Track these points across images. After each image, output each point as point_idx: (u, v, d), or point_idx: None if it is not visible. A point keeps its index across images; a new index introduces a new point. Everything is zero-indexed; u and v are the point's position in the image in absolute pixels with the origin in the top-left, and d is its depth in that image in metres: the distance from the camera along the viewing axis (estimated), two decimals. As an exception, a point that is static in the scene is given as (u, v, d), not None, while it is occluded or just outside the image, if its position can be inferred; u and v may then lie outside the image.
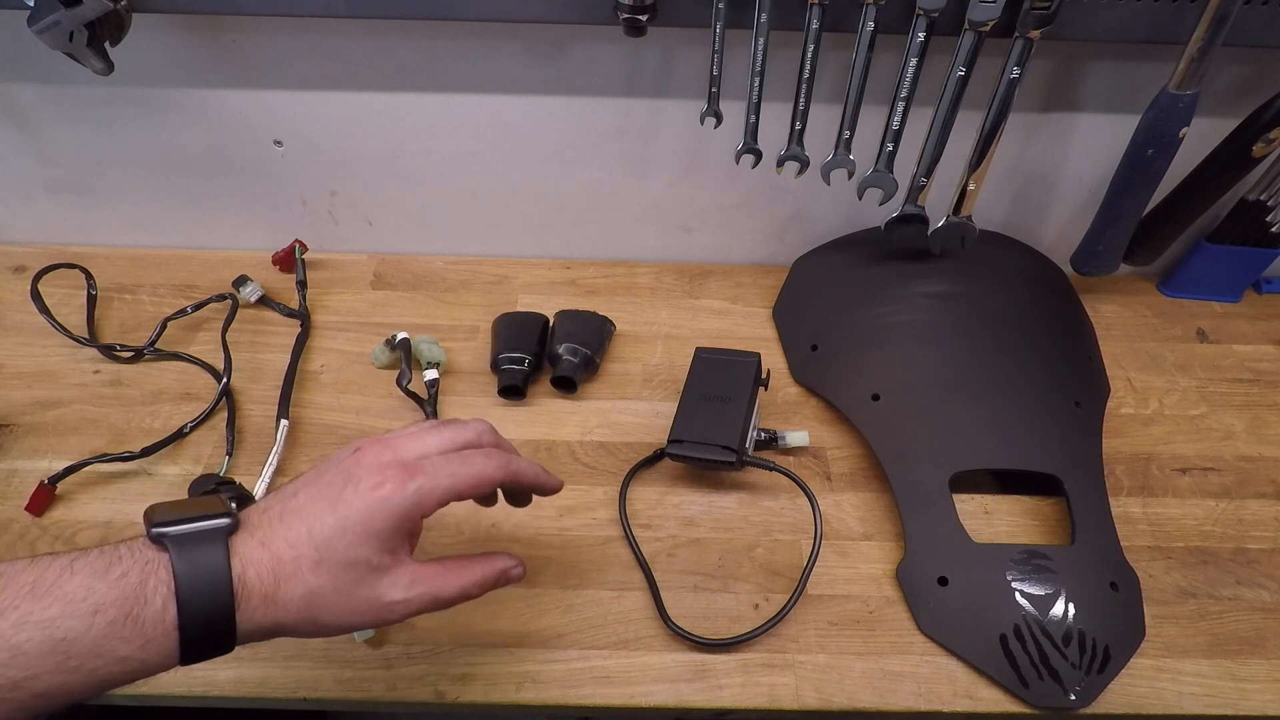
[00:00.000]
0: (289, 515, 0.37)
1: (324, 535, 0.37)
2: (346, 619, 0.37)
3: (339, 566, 0.36)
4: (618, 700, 0.50)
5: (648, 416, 0.66)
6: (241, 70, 0.67)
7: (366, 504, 0.37)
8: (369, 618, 0.38)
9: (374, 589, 0.38)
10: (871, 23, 0.57)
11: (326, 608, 0.37)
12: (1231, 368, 0.72)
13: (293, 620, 0.36)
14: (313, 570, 0.36)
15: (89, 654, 0.32)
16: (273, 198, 0.77)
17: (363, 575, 0.37)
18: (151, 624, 0.33)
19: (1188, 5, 0.57)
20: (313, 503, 0.38)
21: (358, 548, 0.37)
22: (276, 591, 0.36)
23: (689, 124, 0.68)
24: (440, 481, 0.39)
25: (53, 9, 0.54)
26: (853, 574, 0.56)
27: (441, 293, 0.77)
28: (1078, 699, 0.49)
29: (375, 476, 0.38)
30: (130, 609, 0.33)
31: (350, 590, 0.37)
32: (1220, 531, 0.59)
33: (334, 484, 0.38)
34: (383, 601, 0.38)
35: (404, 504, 0.38)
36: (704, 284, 0.80)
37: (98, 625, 0.32)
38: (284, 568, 0.36)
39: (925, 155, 0.63)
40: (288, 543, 0.36)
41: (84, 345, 0.69)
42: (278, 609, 0.36)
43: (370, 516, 0.37)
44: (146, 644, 0.33)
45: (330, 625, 0.37)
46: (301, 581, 0.36)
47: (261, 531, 0.37)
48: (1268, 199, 0.69)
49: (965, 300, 0.68)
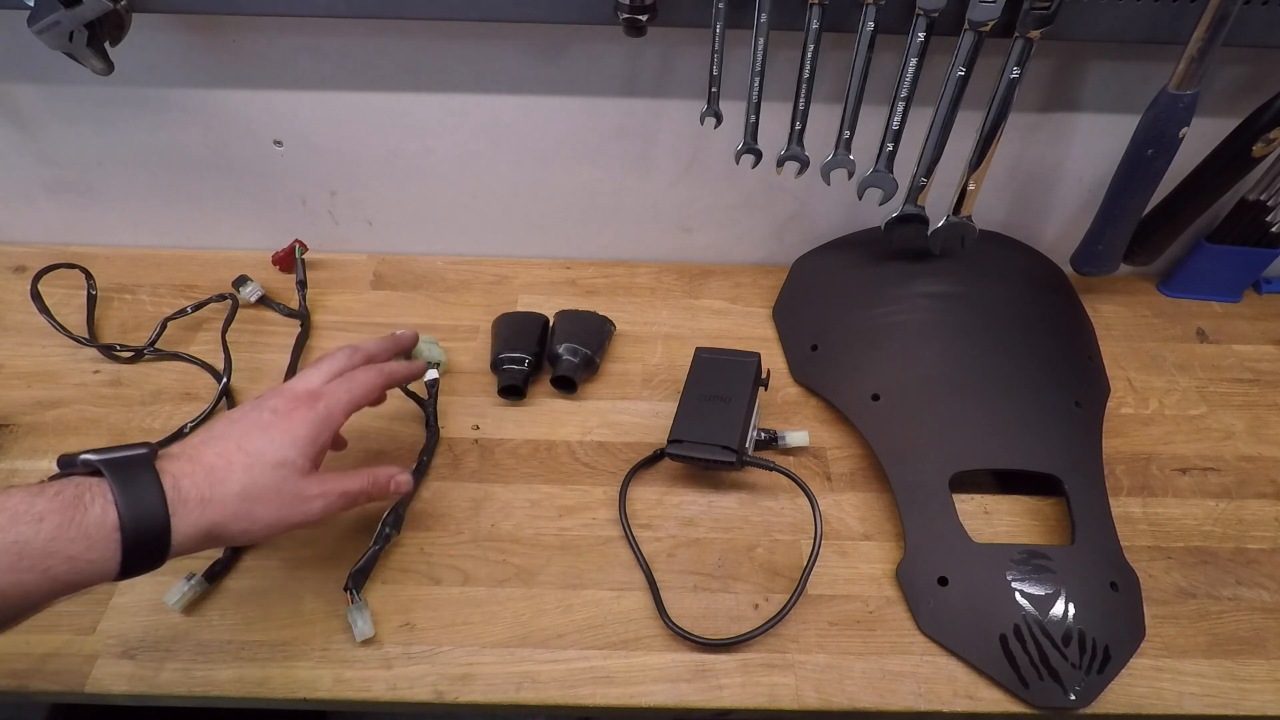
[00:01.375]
0: (213, 440, 0.44)
1: (254, 445, 0.44)
2: (276, 511, 0.44)
3: (269, 466, 0.44)
4: (618, 700, 0.50)
5: (648, 416, 0.66)
6: (241, 70, 0.67)
7: (288, 420, 0.46)
8: (294, 511, 0.45)
9: (297, 485, 0.45)
10: (871, 23, 0.57)
11: (260, 500, 0.43)
12: (1231, 368, 0.72)
13: (230, 516, 0.42)
14: (245, 470, 0.43)
15: (40, 554, 0.36)
16: (273, 198, 0.77)
17: (288, 473, 0.44)
18: (94, 526, 0.37)
19: (1188, 5, 0.57)
20: (235, 427, 0.45)
21: (284, 449, 0.45)
22: (212, 492, 0.41)
23: (689, 124, 0.68)
24: (340, 399, 0.49)
25: (53, 9, 0.54)
26: (853, 574, 0.56)
27: (441, 293, 0.77)
28: (1078, 699, 0.49)
29: (288, 404, 0.47)
30: (72, 515, 0.37)
31: (279, 485, 0.44)
32: (1220, 531, 0.59)
33: (250, 416, 0.46)
34: (304, 495, 0.45)
35: (317, 418, 0.47)
36: (704, 284, 0.80)
37: (44, 530, 0.36)
38: (216, 472, 0.42)
39: (925, 155, 0.63)
40: (217, 453, 0.43)
41: (84, 345, 0.69)
42: (214, 508, 0.41)
43: (292, 428, 0.46)
44: (90, 544, 0.37)
45: (262, 518, 0.43)
46: (235, 479, 0.42)
47: (188, 452, 0.43)
48: (1268, 199, 0.69)
49: (965, 300, 0.68)
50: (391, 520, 0.56)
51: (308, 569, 0.55)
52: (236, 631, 0.52)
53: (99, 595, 0.53)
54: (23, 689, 0.49)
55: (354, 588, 0.52)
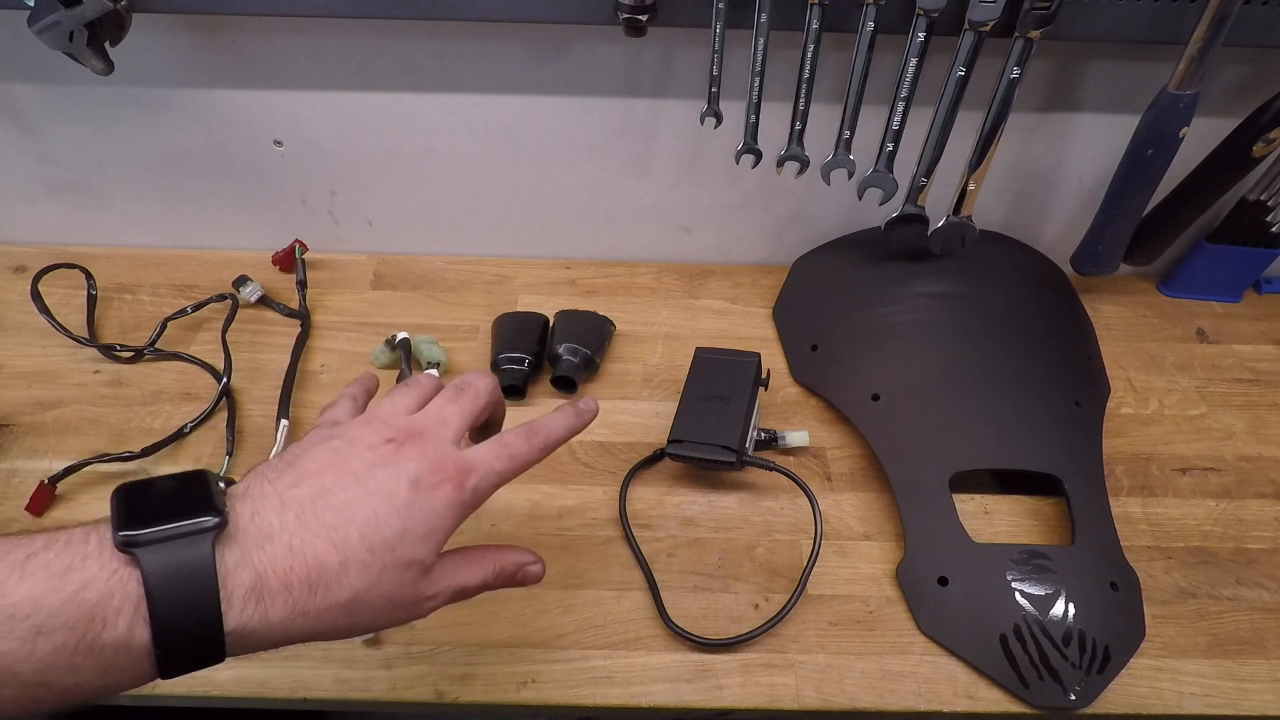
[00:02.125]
0: (328, 511, 0.33)
1: (381, 538, 0.33)
2: (384, 620, 0.35)
3: (394, 569, 0.34)
4: (618, 700, 0.50)
5: (648, 416, 0.66)
6: (241, 70, 0.67)
7: (431, 505, 0.35)
8: (404, 616, 0.36)
9: (417, 589, 0.35)
10: (871, 23, 0.57)
11: (368, 610, 0.34)
12: (1231, 368, 0.72)
13: (324, 629, 0.33)
14: (362, 572, 0.33)
15: (29, 682, 0.27)
16: (273, 198, 0.77)
17: (415, 576, 0.35)
18: (114, 650, 0.28)
19: (1188, 5, 0.57)
20: (363, 499, 0.34)
21: (417, 547, 0.34)
22: (311, 603, 0.32)
23: (689, 124, 0.68)
24: (492, 478, 0.38)
25: (53, 9, 0.54)
26: (853, 574, 0.56)
27: (441, 293, 0.77)
28: (1078, 699, 0.49)
29: (435, 475, 0.36)
30: (84, 633, 0.28)
31: (397, 592, 0.34)
32: (1220, 531, 0.59)
33: (386, 481, 0.35)
34: (420, 599, 0.36)
35: (464, 503, 0.36)
36: (704, 284, 0.80)
37: (40, 650, 0.27)
38: (325, 573, 0.32)
39: (925, 155, 0.63)
40: (333, 545, 0.33)
41: (84, 345, 0.69)
42: (309, 620, 0.32)
43: (434, 517, 0.35)
44: (107, 670, 0.29)
45: (361, 628, 0.34)
46: (348, 586, 0.33)
47: (286, 531, 0.32)
48: (1268, 199, 0.69)
49: (965, 300, 0.68)
50: None
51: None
52: (236, 631, 0.52)
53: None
54: (23, 689, 0.49)
55: None
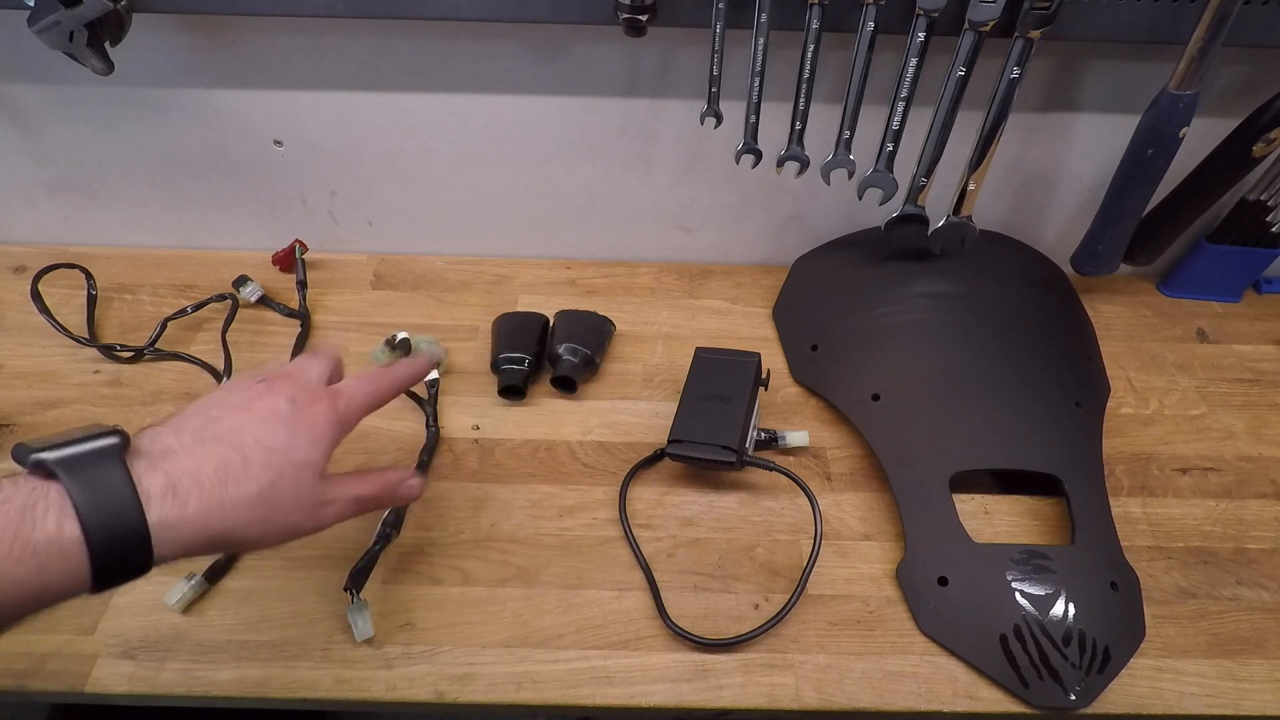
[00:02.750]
0: (220, 429, 0.39)
1: (274, 442, 0.39)
2: (293, 517, 0.40)
3: (292, 467, 0.39)
4: (618, 700, 0.50)
5: (648, 416, 0.66)
6: (241, 70, 0.67)
7: (310, 415, 0.41)
8: (310, 517, 0.41)
9: (316, 490, 0.40)
10: (871, 23, 0.57)
11: (278, 505, 0.39)
12: (1231, 368, 0.72)
13: (243, 522, 0.37)
14: (264, 470, 0.38)
15: None
16: (273, 198, 0.77)
17: (311, 476, 0.40)
18: (46, 544, 0.32)
19: (1188, 5, 0.57)
20: (247, 415, 0.40)
21: (309, 450, 0.40)
22: (223, 494, 0.36)
23: (689, 124, 0.68)
24: (359, 399, 0.44)
25: (53, 9, 0.54)
26: (853, 574, 0.56)
27: (441, 293, 0.77)
28: (1078, 699, 0.49)
29: (309, 398, 0.42)
30: (17, 532, 0.32)
31: (299, 489, 0.39)
32: (1220, 531, 0.59)
33: (265, 403, 0.41)
34: (322, 500, 0.41)
35: (338, 417, 0.42)
36: (704, 284, 0.80)
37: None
38: (230, 470, 0.37)
39: (925, 155, 0.63)
40: (230, 446, 0.38)
41: (84, 345, 0.69)
42: (223, 514, 0.36)
43: (315, 424, 0.41)
44: (42, 566, 0.32)
45: (278, 525, 0.39)
46: (253, 479, 0.37)
47: (186, 442, 0.37)
48: (1268, 199, 0.69)
49: (965, 300, 0.68)
50: (392, 520, 0.56)
51: (308, 569, 0.55)
52: (236, 631, 0.52)
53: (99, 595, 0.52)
54: (23, 689, 0.49)
55: (354, 588, 0.52)
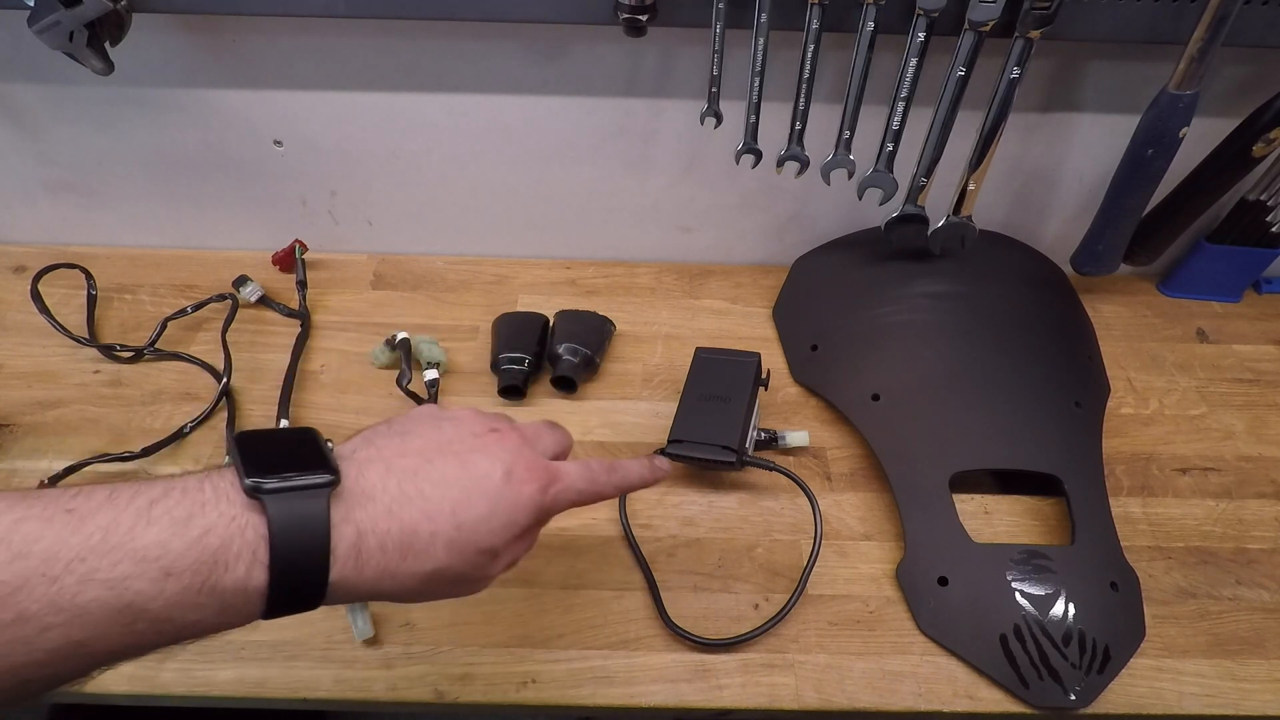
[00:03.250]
0: (426, 484, 0.35)
1: (469, 517, 0.35)
2: (448, 593, 0.37)
3: (474, 551, 0.36)
4: (618, 700, 0.50)
5: (648, 416, 0.66)
6: (241, 70, 0.67)
7: (517, 498, 0.37)
8: (466, 589, 0.38)
9: (484, 570, 0.37)
10: (871, 23, 0.57)
11: (441, 584, 0.36)
12: (1231, 368, 0.72)
13: (402, 592, 0.35)
14: (447, 549, 0.35)
15: (159, 619, 0.29)
16: (273, 198, 0.77)
17: (487, 561, 0.37)
18: (232, 592, 0.30)
19: (1188, 5, 0.57)
20: (459, 477, 0.36)
21: (496, 536, 0.36)
22: (401, 564, 0.34)
23: (689, 124, 0.68)
24: (572, 494, 0.40)
25: (53, 9, 0.54)
26: (853, 574, 0.56)
27: (441, 293, 0.77)
28: (1078, 699, 0.49)
29: (525, 471, 0.38)
30: (208, 575, 0.30)
31: (470, 573, 0.36)
32: (1220, 531, 0.59)
33: (480, 465, 0.37)
34: (484, 578, 0.38)
35: (546, 505, 0.39)
36: (704, 284, 0.80)
37: (169, 590, 0.29)
38: (416, 542, 0.34)
39: (925, 155, 0.63)
40: (426, 515, 0.34)
41: (84, 345, 0.69)
42: (394, 583, 0.34)
43: (516, 510, 0.37)
44: (224, 609, 0.31)
45: (435, 594, 0.37)
46: (432, 558, 0.34)
47: (391, 496, 0.34)
48: (1268, 199, 0.69)
49: (965, 300, 0.68)
50: None
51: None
52: (236, 631, 0.51)
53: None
54: (23, 689, 0.49)
55: None
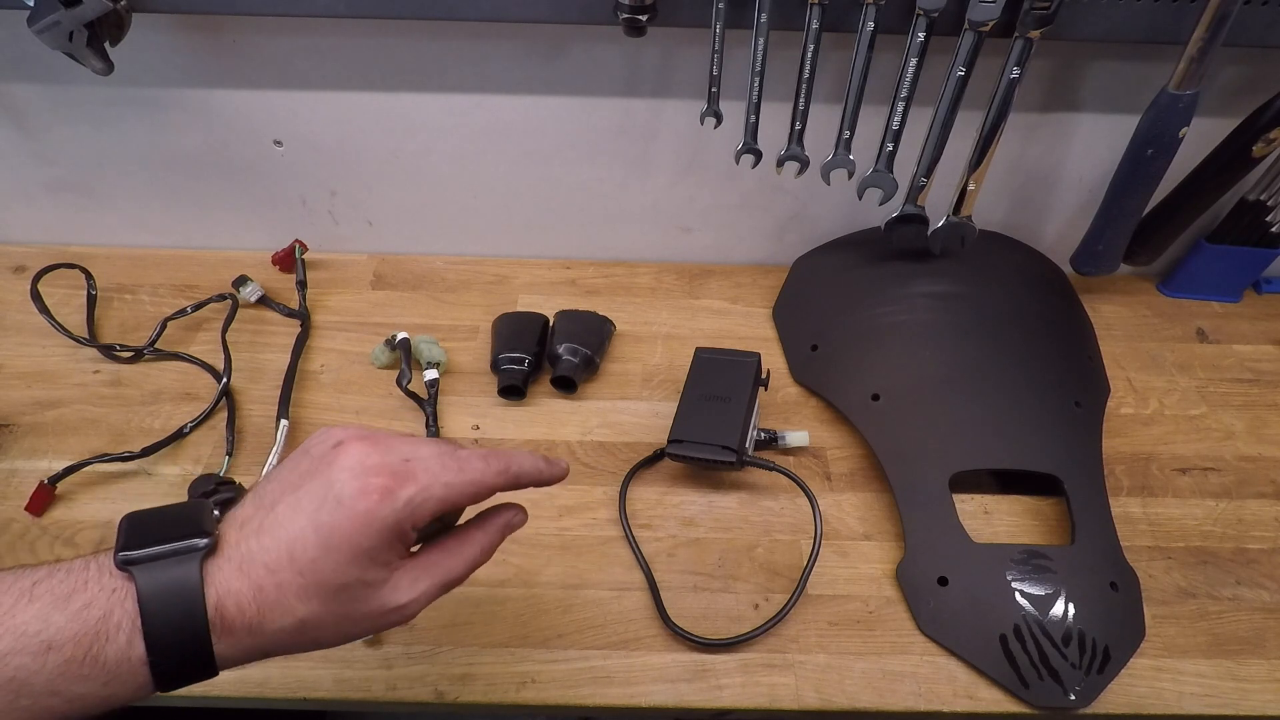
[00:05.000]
0: (267, 533, 0.33)
1: (307, 559, 0.32)
2: (347, 634, 0.35)
3: (330, 591, 0.33)
4: (618, 700, 0.50)
5: (648, 416, 0.66)
6: (241, 70, 0.67)
7: (351, 521, 0.33)
8: (376, 626, 0.35)
9: (373, 602, 0.34)
10: (871, 23, 0.57)
11: (323, 630, 0.34)
12: (1231, 368, 0.72)
13: (288, 645, 0.33)
14: (300, 597, 0.32)
15: (43, 693, 0.29)
16: (273, 198, 0.77)
17: (357, 594, 0.34)
18: (115, 661, 0.30)
19: (1188, 5, 0.57)
20: (292, 516, 0.33)
21: (346, 569, 0.33)
22: (261, 623, 0.32)
23: (689, 124, 0.68)
24: (433, 490, 0.34)
25: (53, 9, 0.54)
26: (853, 574, 0.56)
27: (441, 293, 0.77)
28: (1078, 699, 0.49)
29: (358, 483, 0.33)
30: (90, 646, 0.30)
31: (346, 611, 0.34)
32: (1220, 531, 0.59)
33: (314, 493, 0.33)
34: (388, 608, 0.35)
35: (393, 517, 0.33)
36: (704, 284, 0.80)
37: (51, 663, 0.29)
38: (267, 597, 0.32)
39: (925, 155, 0.63)
40: (267, 568, 0.32)
41: (84, 345, 0.69)
42: (266, 639, 0.32)
43: (355, 535, 0.33)
44: (110, 680, 0.30)
45: (330, 642, 0.35)
46: (289, 611, 0.32)
47: (240, 553, 0.33)
48: (1268, 199, 0.69)
49: (965, 300, 0.68)
50: None
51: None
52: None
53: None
54: (23, 689, 0.49)
55: None
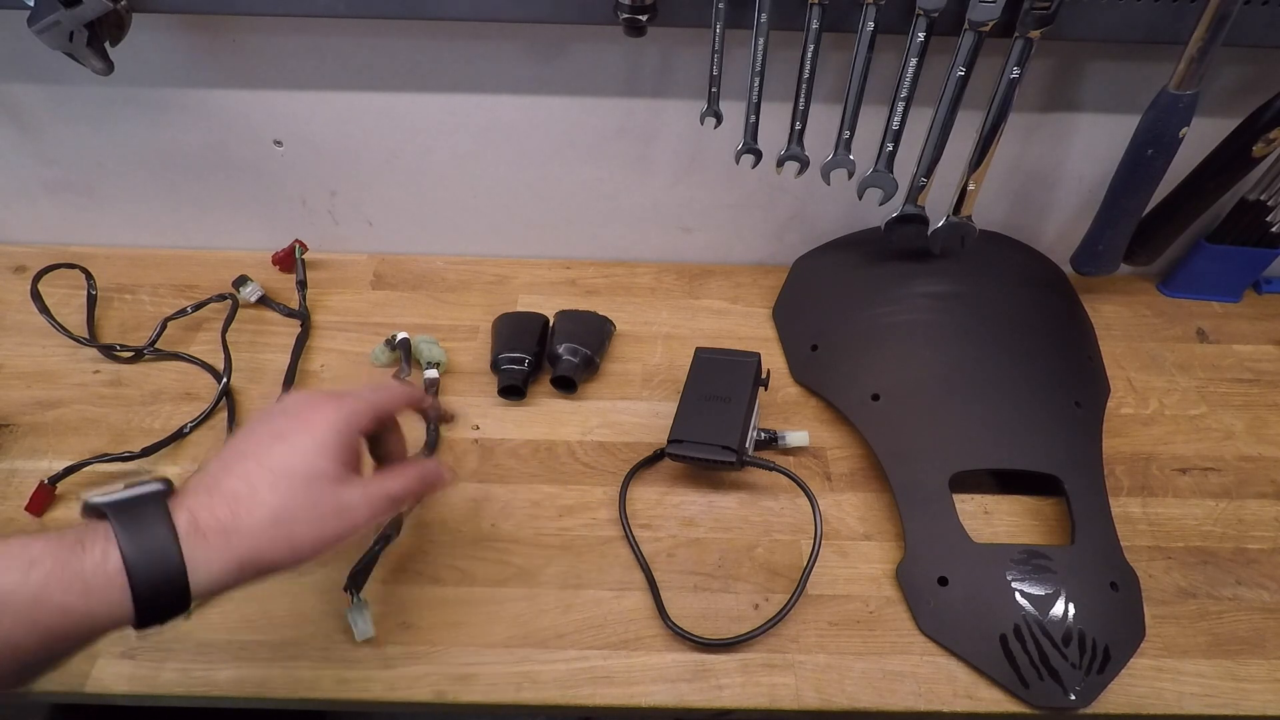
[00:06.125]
0: (231, 463, 0.39)
1: (277, 460, 0.39)
2: (318, 530, 0.39)
3: (300, 481, 0.38)
4: (618, 700, 0.50)
5: (648, 416, 0.66)
6: (241, 70, 0.67)
7: (310, 425, 0.40)
8: (336, 525, 0.39)
9: (336, 496, 0.39)
10: (871, 23, 0.57)
11: (296, 521, 0.38)
12: (1231, 368, 0.72)
13: (264, 544, 0.37)
14: (271, 490, 0.38)
15: (27, 604, 0.32)
16: (273, 198, 0.77)
17: (324, 485, 0.39)
18: (92, 572, 0.33)
19: (1188, 5, 0.57)
20: (252, 442, 0.40)
21: (315, 460, 0.39)
22: (236, 521, 0.36)
23: (689, 124, 0.68)
24: (364, 396, 0.44)
25: (53, 9, 0.54)
26: (853, 574, 0.56)
27: (441, 293, 0.77)
28: (1078, 699, 0.49)
29: (304, 398, 0.42)
30: (67, 559, 0.33)
31: (316, 500, 0.39)
32: (1220, 531, 0.59)
33: (264, 426, 0.40)
34: (345, 505, 0.40)
35: (341, 419, 0.41)
36: (704, 284, 0.80)
37: (33, 577, 0.32)
38: (239, 499, 0.37)
39: (925, 155, 0.63)
40: (238, 477, 0.38)
41: (84, 345, 0.69)
42: (242, 539, 0.36)
43: (316, 433, 0.40)
44: (88, 591, 0.33)
45: (304, 540, 0.38)
46: (262, 503, 0.37)
47: (205, 483, 0.38)
48: (1268, 199, 0.69)
49: (965, 300, 0.68)
50: (391, 520, 0.56)
51: (308, 569, 0.55)
52: (236, 631, 0.52)
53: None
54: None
55: (354, 588, 0.52)
